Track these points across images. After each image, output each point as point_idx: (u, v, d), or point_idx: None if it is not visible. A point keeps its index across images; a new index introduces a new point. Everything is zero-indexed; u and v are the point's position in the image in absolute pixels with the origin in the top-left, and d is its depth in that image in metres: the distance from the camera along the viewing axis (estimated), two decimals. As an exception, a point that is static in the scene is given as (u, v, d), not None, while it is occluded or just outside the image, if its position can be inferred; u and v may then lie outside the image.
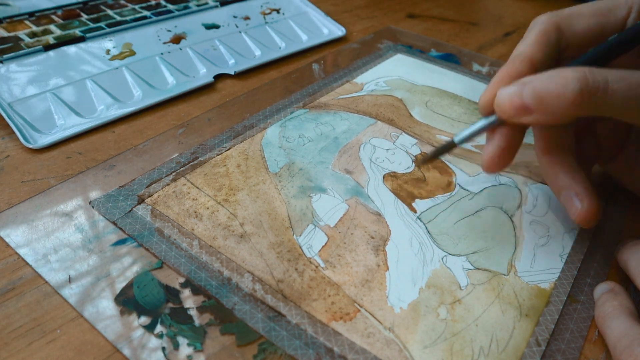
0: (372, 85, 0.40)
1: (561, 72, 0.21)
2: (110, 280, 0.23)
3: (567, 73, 0.21)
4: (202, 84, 0.39)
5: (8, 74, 0.36)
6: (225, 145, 0.32)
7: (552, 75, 0.21)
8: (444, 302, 0.23)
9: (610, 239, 0.28)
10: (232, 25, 0.47)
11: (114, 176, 0.30)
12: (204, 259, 0.25)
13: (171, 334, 0.21)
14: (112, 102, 0.36)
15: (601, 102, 0.21)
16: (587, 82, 0.21)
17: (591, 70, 0.21)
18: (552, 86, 0.21)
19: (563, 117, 0.21)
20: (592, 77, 0.21)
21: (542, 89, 0.21)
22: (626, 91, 0.21)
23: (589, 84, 0.21)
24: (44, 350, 0.20)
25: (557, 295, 0.24)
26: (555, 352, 0.22)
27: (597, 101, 0.21)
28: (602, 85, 0.21)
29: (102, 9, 0.47)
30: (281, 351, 0.21)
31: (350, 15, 0.55)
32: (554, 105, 0.21)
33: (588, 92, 0.21)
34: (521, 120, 0.23)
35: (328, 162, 0.32)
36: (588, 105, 0.21)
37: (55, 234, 0.25)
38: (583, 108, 0.21)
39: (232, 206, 0.28)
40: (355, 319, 0.22)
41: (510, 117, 0.23)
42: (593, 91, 0.21)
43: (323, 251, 0.25)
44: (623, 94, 0.21)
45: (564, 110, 0.21)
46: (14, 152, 0.31)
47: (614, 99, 0.21)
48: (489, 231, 0.27)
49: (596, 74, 0.21)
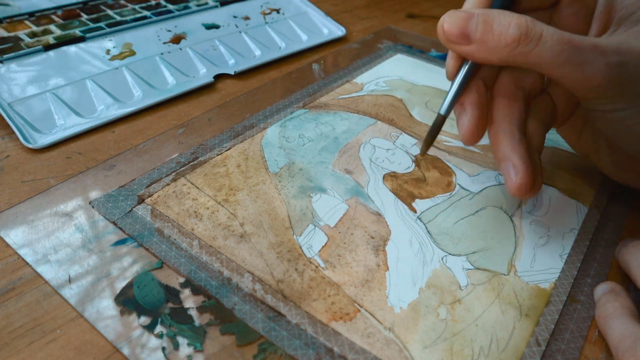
0: (372, 85, 0.40)
1: (507, 14, 0.23)
2: (110, 280, 0.23)
3: (511, 17, 0.23)
4: (202, 84, 0.39)
5: (8, 74, 0.36)
6: (225, 145, 0.32)
7: (498, 15, 0.23)
8: (444, 302, 0.23)
9: (610, 239, 0.28)
10: (232, 25, 0.47)
11: (114, 176, 0.30)
12: (204, 259, 0.25)
13: (171, 334, 0.21)
14: (112, 102, 0.36)
15: (531, 52, 0.22)
16: (525, 31, 0.22)
17: (533, 21, 0.22)
18: (495, 25, 0.23)
19: (498, 56, 0.23)
20: (531, 27, 0.22)
21: (487, 25, 0.23)
22: (554, 47, 0.22)
23: (526, 33, 0.22)
24: (44, 350, 0.20)
25: (557, 295, 0.24)
26: (555, 352, 0.22)
27: (527, 50, 0.22)
28: (536, 37, 0.22)
29: (102, 9, 0.47)
30: (281, 351, 0.21)
31: (350, 15, 0.55)
32: (492, 42, 0.23)
33: (523, 39, 0.22)
34: (459, 49, 0.24)
35: (328, 162, 0.32)
36: (520, 52, 0.22)
37: (55, 234, 0.25)
38: (515, 53, 0.23)
39: (232, 206, 0.28)
40: (355, 319, 0.22)
41: (451, 41, 0.24)
42: (527, 40, 0.22)
43: (323, 251, 0.25)
44: (551, 50, 0.22)
45: (499, 50, 0.23)
46: (14, 152, 0.31)
47: (542, 52, 0.22)
48: (489, 231, 0.27)
49: (536, 26, 0.22)
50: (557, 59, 0.22)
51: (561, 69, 0.22)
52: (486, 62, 0.25)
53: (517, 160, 0.24)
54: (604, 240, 0.28)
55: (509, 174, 0.25)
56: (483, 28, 0.23)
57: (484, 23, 0.23)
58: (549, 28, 0.22)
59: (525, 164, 0.24)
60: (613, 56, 0.22)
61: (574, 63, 0.22)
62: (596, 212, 0.29)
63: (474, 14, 0.23)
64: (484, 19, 0.23)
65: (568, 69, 0.22)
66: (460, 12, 0.24)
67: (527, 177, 0.24)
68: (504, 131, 0.25)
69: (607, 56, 0.22)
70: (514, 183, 0.24)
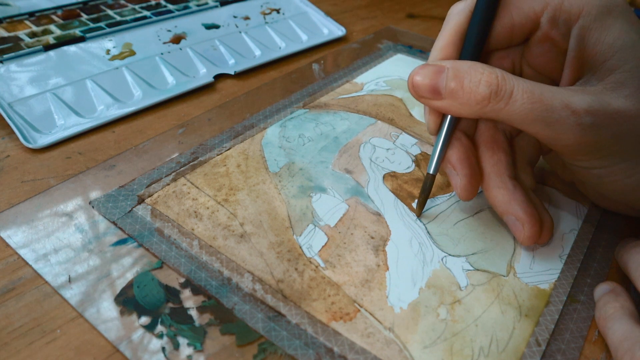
0: (372, 85, 0.40)
1: (478, 69, 0.22)
2: (110, 280, 0.23)
3: (482, 73, 0.22)
4: (202, 84, 0.39)
5: (8, 74, 0.36)
6: (225, 145, 0.32)
7: (468, 70, 0.22)
8: (443, 303, 0.23)
9: (610, 239, 0.28)
10: (232, 25, 0.47)
11: (114, 176, 0.30)
12: (204, 259, 0.25)
13: (171, 334, 0.21)
14: (112, 102, 0.36)
15: (502, 110, 0.22)
16: (496, 89, 0.22)
17: (504, 76, 0.22)
18: (465, 82, 0.22)
19: (469, 112, 0.23)
20: (502, 84, 0.22)
21: (457, 81, 0.22)
22: (525, 106, 0.21)
23: (496, 91, 0.22)
24: (44, 350, 0.20)
25: (557, 296, 0.24)
26: (555, 352, 0.22)
27: (498, 108, 0.22)
28: (507, 95, 0.22)
29: (102, 9, 0.47)
30: (281, 351, 0.21)
31: (350, 15, 0.55)
32: (463, 99, 0.22)
33: (494, 97, 0.22)
34: (431, 103, 0.24)
35: (328, 161, 0.32)
36: (491, 109, 0.22)
37: (55, 234, 0.25)
38: (486, 110, 0.22)
39: (232, 206, 0.28)
40: (355, 319, 0.22)
41: (421, 97, 0.24)
42: (497, 99, 0.22)
43: (323, 251, 0.25)
44: (521, 108, 0.21)
45: (470, 106, 0.22)
46: (14, 152, 0.31)
47: (512, 110, 0.22)
48: (488, 233, 0.27)
49: (507, 82, 0.22)
50: (528, 117, 0.21)
51: (533, 127, 0.22)
52: (460, 116, 0.24)
53: (519, 212, 0.24)
54: (603, 241, 0.28)
55: (515, 227, 0.25)
56: (453, 84, 0.23)
57: (454, 78, 0.23)
58: (520, 83, 0.22)
59: (527, 214, 0.24)
60: (585, 117, 0.21)
61: (545, 122, 0.21)
62: (596, 212, 0.29)
63: (444, 67, 0.23)
64: (454, 74, 0.23)
65: (539, 128, 0.22)
66: (431, 67, 0.23)
67: (534, 226, 0.24)
68: (497, 186, 0.25)
69: (578, 116, 0.21)
70: (523, 236, 0.25)
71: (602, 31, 0.23)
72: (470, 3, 0.25)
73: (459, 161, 0.25)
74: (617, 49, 0.22)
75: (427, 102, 0.24)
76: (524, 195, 0.25)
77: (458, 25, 0.25)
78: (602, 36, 0.23)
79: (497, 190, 0.25)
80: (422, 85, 0.23)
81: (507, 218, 0.25)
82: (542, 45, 0.25)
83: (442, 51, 0.25)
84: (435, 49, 0.25)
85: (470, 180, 0.25)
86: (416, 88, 0.24)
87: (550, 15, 0.24)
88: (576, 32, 0.23)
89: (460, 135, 0.25)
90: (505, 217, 0.25)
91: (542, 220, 0.25)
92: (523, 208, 0.24)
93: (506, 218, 0.25)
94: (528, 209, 0.24)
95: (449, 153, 0.25)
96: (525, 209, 0.24)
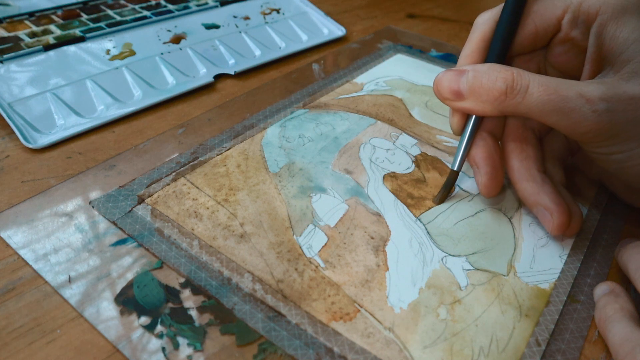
0: (372, 85, 0.40)
1: (495, 69, 0.24)
2: (110, 280, 0.23)
3: (499, 72, 0.24)
4: (202, 84, 0.39)
5: (8, 74, 0.36)
6: (225, 145, 0.32)
7: (486, 70, 0.24)
8: (443, 303, 0.23)
9: (610, 239, 0.28)
10: (232, 25, 0.47)
11: (114, 176, 0.30)
12: (204, 259, 0.25)
13: (171, 334, 0.21)
14: (112, 102, 0.36)
15: (520, 103, 0.23)
16: (511, 84, 0.23)
17: (519, 72, 0.23)
18: (484, 80, 0.24)
19: (491, 109, 0.24)
20: (517, 79, 0.23)
21: (476, 80, 0.24)
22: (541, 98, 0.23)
23: (512, 86, 0.23)
24: (44, 350, 0.20)
25: (557, 296, 0.24)
26: (555, 352, 0.22)
27: (516, 102, 0.23)
28: (523, 89, 0.23)
29: (102, 9, 0.47)
30: (281, 351, 0.21)
31: (350, 15, 0.55)
32: (482, 97, 0.24)
33: (510, 92, 0.23)
34: (455, 105, 0.26)
35: (328, 162, 0.32)
36: (509, 104, 0.24)
37: (55, 234, 0.25)
38: (505, 105, 0.24)
39: (232, 206, 0.28)
40: (355, 319, 0.22)
41: (445, 99, 0.26)
42: (515, 92, 0.23)
43: (323, 251, 0.25)
44: (538, 100, 0.23)
45: (490, 103, 0.24)
46: (14, 152, 0.31)
47: (530, 103, 0.23)
48: (489, 232, 0.27)
49: (522, 78, 0.23)
50: (545, 109, 0.23)
51: (550, 117, 0.23)
52: (483, 114, 0.26)
53: (547, 203, 0.25)
54: (603, 241, 0.28)
55: (544, 217, 0.26)
56: (473, 84, 0.24)
57: (474, 78, 0.24)
58: (535, 78, 0.23)
59: (555, 203, 0.25)
60: (600, 103, 0.22)
61: (561, 112, 0.23)
62: (596, 212, 0.29)
63: (465, 71, 0.25)
64: (473, 75, 0.24)
65: (556, 118, 0.23)
66: (453, 70, 0.25)
67: (562, 215, 0.25)
68: (525, 178, 0.26)
69: (593, 104, 0.22)
70: (552, 224, 0.25)
71: (617, 27, 0.24)
72: (495, 13, 0.27)
73: (482, 159, 0.27)
74: (632, 42, 0.23)
75: (451, 104, 0.26)
76: (552, 187, 0.26)
77: (483, 33, 0.27)
78: (618, 32, 0.24)
79: (526, 183, 0.26)
80: (444, 87, 0.25)
81: (536, 210, 0.26)
82: (564, 46, 0.27)
83: (467, 59, 0.27)
84: (462, 57, 0.27)
85: (492, 178, 0.26)
86: (440, 90, 0.26)
87: (570, 17, 0.26)
88: (594, 30, 0.25)
89: (485, 136, 0.27)
90: (534, 209, 0.26)
91: (571, 212, 0.26)
92: (551, 198, 0.25)
93: (535, 210, 0.26)
94: (556, 199, 0.25)
95: (474, 152, 0.27)
96: (553, 199, 0.25)
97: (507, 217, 0.28)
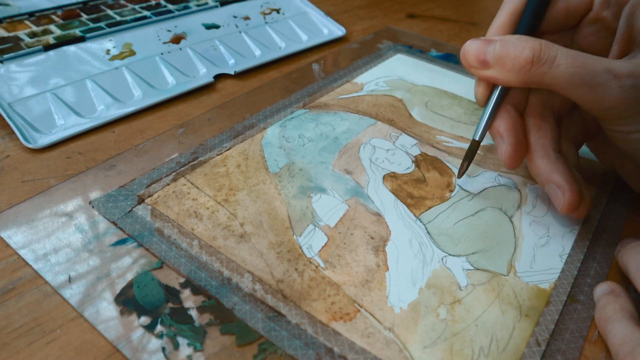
0: (372, 85, 0.40)
1: (523, 39, 0.24)
2: (110, 280, 0.23)
3: (526, 42, 0.24)
4: (202, 84, 0.39)
5: (8, 74, 0.36)
6: (225, 145, 0.32)
7: (514, 40, 0.24)
8: (443, 303, 0.23)
9: (610, 239, 0.28)
10: (232, 25, 0.47)
11: (114, 176, 0.30)
12: (204, 259, 0.25)
13: (171, 334, 0.21)
14: (112, 102, 0.36)
15: (546, 74, 0.23)
16: (539, 53, 0.23)
17: (547, 44, 0.23)
18: (511, 49, 0.24)
19: (516, 79, 0.24)
20: (545, 50, 0.23)
21: (503, 49, 0.24)
22: (568, 69, 0.23)
23: (539, 55, 0.23)
24: (44, 350, 0.20)
25: (557, 295, 0.24)
26: (555, 352, 0.22)
27: (542, 72, 0.23)
28: (550, 59, 0.23)
29: (102, 9, 0.47)
30: (281, 351, 0.21)
31: (350, 15, 0.55)
32: (508, 65, 0.24)
33: (537, 61, 0.23)
34: (479, 73, 0.26)
35: (328, 162, 0.32)
36: (535, 73, 0.23)
37: (55, 234, 0.25)
38: (531, 75, 0.24)
39: (232, 206, 0.28)
40: (355, 319, 0.22)
41: (471, 67, 0.26)
42: (541, 62, 0.23)
43: (323, 251, 0.25)
44: (565, 72, 0.23)
45: (516, 72, 0.24)
46: (14, 152, 0.31)
47: (556, 73, 0.23)
48: (489, 232, 0.27)
49: (550, 48, 0.23)
50: (571, 81, 0.23)
51: (576, 90, 0.23)
52: (507, 84, 0.26)
53: (560, 180, 0.25)
54: (604, 240, 0.28)
55: (555, 194, 0.26)
56: (500, 52, 0.24)
57: (501, 47, 0.24)
58: (563, 50, 0.23)
59: (568, 182, 0.25)
60: (627, 79, 0.22)
61: (587, 85, 0.23)
62: (596, 212, 0.29)
63: (493, 40, 0.25)
64: (501, 44, 0.24)
65: (582, 91, 0.23)
66: (481, 39, 0.25)
67: (573, 193, 0.25)
68: (540, 155, 0.26)
69: (620, 79, 0.22)
70: (562, 202, 0.25)
71: None
72: None
73: (506, 130, 0.26)
74: None
75: (476, 72, 0.26)
76: (565, 166, 0.26)
77: (515, 7, 0.27)
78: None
79: (541, 160, 0.26)
80: (471, 54, 0.25)
81: (547, 187, 0.26)
82: (593, 26, 0.27)
83: (496, 31, 0.27)
84: (491, 29, 0.27)
85: (516, 149, 0.26)
86: (467, 57, 0.26)
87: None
88: (627, 10, 0.25)
89: (509, 108, 0.27)
90: (546, 186, 0.26)
91: (582, 192, 0.26)
92: (564, 177, 0.25)
93: (547, 187, 0.26)
94: (569, 178, 0.25)
95: (497, 122, 0.27)
96: (566, 178, 0.25)
97: (508, 217, 0.28)
